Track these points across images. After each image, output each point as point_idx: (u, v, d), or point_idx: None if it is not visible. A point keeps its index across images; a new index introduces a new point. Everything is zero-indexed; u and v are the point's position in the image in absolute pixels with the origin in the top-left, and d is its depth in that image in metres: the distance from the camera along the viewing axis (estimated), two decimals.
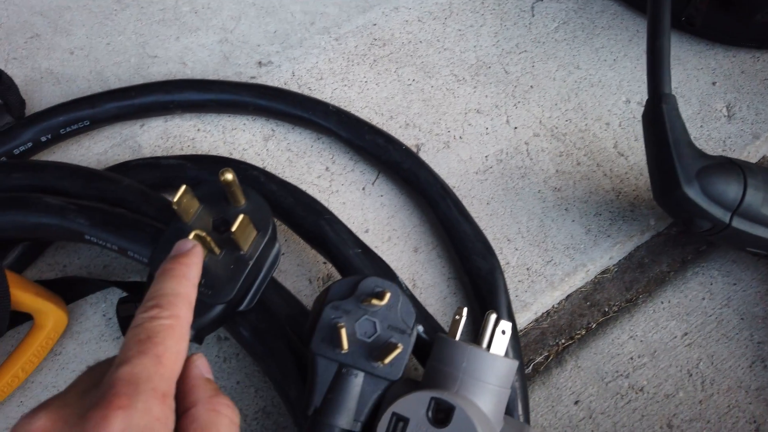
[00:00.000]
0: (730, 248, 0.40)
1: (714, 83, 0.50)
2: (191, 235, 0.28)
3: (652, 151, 0.37)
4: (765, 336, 0.40)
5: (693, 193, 0.35)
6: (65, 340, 0.40)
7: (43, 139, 0.43)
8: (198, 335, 0.31)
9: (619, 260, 0.44)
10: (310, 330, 0.29)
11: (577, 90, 0.49)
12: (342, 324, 0.27)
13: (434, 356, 0.32)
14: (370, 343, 0.29)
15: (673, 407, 0.39)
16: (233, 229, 0.28)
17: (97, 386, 0.21)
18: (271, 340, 0.33)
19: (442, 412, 0.28)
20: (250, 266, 0.31)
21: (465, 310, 0.32)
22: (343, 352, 0.28)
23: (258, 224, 0.31)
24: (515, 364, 0.32)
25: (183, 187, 0.29)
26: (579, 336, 0.41)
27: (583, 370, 0.40)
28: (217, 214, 0.31)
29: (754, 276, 0.42)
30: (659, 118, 0.36)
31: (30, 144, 0.43)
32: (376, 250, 0.42)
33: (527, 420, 0.36)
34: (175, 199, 0.29)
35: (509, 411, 0.35)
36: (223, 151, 0.46)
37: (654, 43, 0.38)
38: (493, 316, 0.32)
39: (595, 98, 0.49)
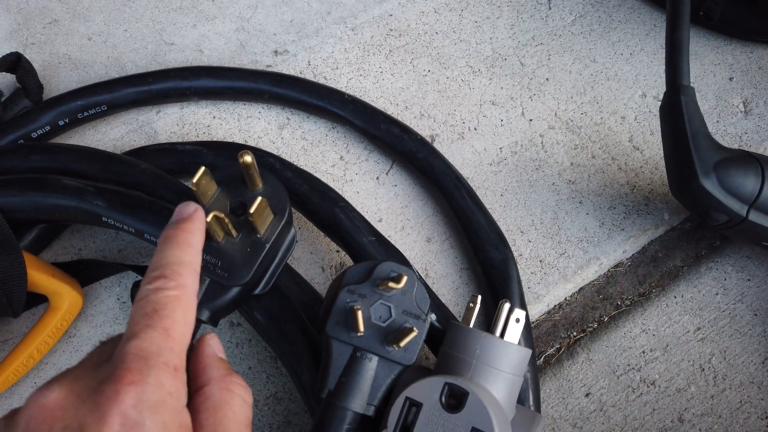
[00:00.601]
0: (745, 242, 0.40)
1: (731, 78, 0.49)
2: (210, 217, 0.28)
3: (669, 142, 0.37)
4: None
5: (710, 185, 0.35)
6: (79, 323, 0.40)
7: (61, 123, 0.43)
8: (213, 317, 0.31)
9: (633, 254, 0.43)
10: (325, 313, 0.30)
11: (593, 83, 0.49)
12: (358, 306, 0.27)
13: (447, 343, 0.32)
14: (385, 327, 0.29)
15: (685, 401, 0.38)
16: (251, 211, 0.29)
17: (108, 361, 0.21)
18: (284, 324, 0.33)
19: (455, 398, 0.28)
20: (266, 249, 0.31)
21: (479, 298, 0.32)
22: (358, 335, 0.29)
23: (275, 208, 0.32)
24: (528, 352, 0.32)
25: (202, 169, 0.29)
26: (591, 329, 0.41)
27: (594, 362, 0.40)
28: (235, 198, 0.32)
29: (767, 272, 0.42)
30: (677, 110, 0.36)
31: (48, 128, 0.43)
32: (389, 240, 0.42)
33: (538, 410, 0.36)
34: (195, 180, 0.29)
35: (521, 401, 0.35)
36: (238, 139, 0.46)
37: (673, 34, 0.38)
38: (507, 305, 0.32)
39: (611, 92, 0.49)
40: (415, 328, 0.28)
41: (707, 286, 0.42)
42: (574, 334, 0.41)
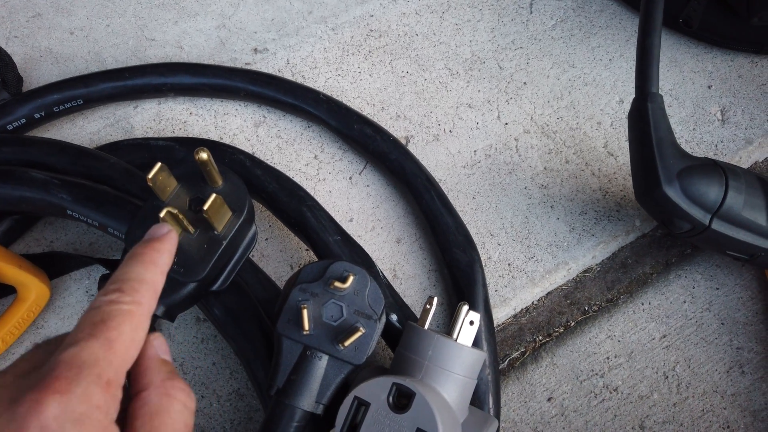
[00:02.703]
0: (710, 251, 0.40)
1: (710, 87, 0.49)
2: (163, 212, 0.29)
3: (635, 149, 0.37)
4: (744, 342, 0.40)
5: (673, 193, 0.35)
6: (48, 314, 0.40)
7: (37, 116, 0.44)
8: (169, 312, 0.31)
9: (602, 260, 0.43)
10: (278, 311, 0.30)
11: (570, 88, 0.49)
12: (305, 305, 0.28)
13: (403, 344, 0.32)
14: (335, 326, 0.29)
15: (647, 409, 0.38)
16: (205, 208, 0.29)
17: (39, 368, 0.19)
18: (243, 321, 0.33)
19: (404, 398, 0.28)
20: (223, 246, 0.31)
21: (435, 299, 0.32)
22: (305, 333, 0.29)
23: (234, 205, 0.32)
24: (482, 355, 0.32)
25: (158, 165, 0.29)
26: (557, 333, 0.41)
27: (558, 367, 0.40)
28: (194, 194, 0.32)
29: (737, 281, 0.42)
30: (644, 117, 0.36)
31: (23, 120, 0.43)
32: (359, 240, 0.42)
33: (497, 413, 0.36)
34: (150, 176, 0.29)
35: (480, 404, 0.35)
36: (214, 136, 0.47)
37: (644, 40, 0.37)
38: (465, 307, 0.32)
39: (588, 97, 0.49)
40: (361, 328, 0.28)
41: (675, 294, 0.42)
42: (540, 338, 0.41)
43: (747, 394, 0.39)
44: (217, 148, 0.42)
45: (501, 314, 0.41)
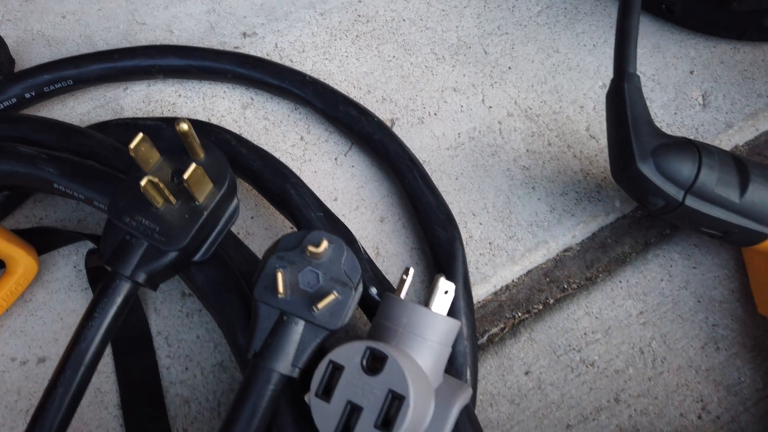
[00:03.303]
0: (685, 228, 0.40)
1: (692, 72, 0.50)
2: (144, 181, 0.29)
3: (611, 127, 0.38)
4: (720, 319, 0.41)
5: (647, 169, 0.36)
6: (36, 288, 0.41)
7: (28, 95, 0.44)
8: (150, 280, 0.32)
9: (582, 239, 0.44)
10: (256, 278, 0.31)
11: (554, 73, 0.50)
12: (281, 270, 0.28)
13: (379, 313, 0.33)
14: (312, 293, 0.30)
15: (622, 382, 0.39)
16: (185, 176, 0.30)
17: None
18: (225, 291, 0.34)
19: (377, 362, 0.29)
20: (204, 216, 0.32)
21: (411, 270, 0.33)
22: (280, 296, 0.29)
23: (215, 177, 0.33)
24: (457, 324, 0.33)
25: (140, 135, 0.30)
26: (536, 311, 0.42)
27: (536, 342, 0.41)
28: (177, 167, 0.32)
29: (714, 261, 0.43)
30: (620, 96, 0.37)
31: (14, 100, 0.44)
32: (343, 219, 0.43)
33: (474, 385, 0.37)
34: (132, 146, 0.30)
35: (457, 376, 0.36)
36: (202, 117, 0.47)
37: (623, 22, 0.38)
38: (441, 278, 0.33)
39: (571, 82, 0.50)
40: (336, 293, 0.28)
41: (653, 272, 0.42)
42: (519, 314, 0.42)
43: (721, 369, 0.39)
44: (203, 127, 0.42)
45: (481, 291, 0.42)
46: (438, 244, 0.40)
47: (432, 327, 0.31)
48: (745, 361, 0.39)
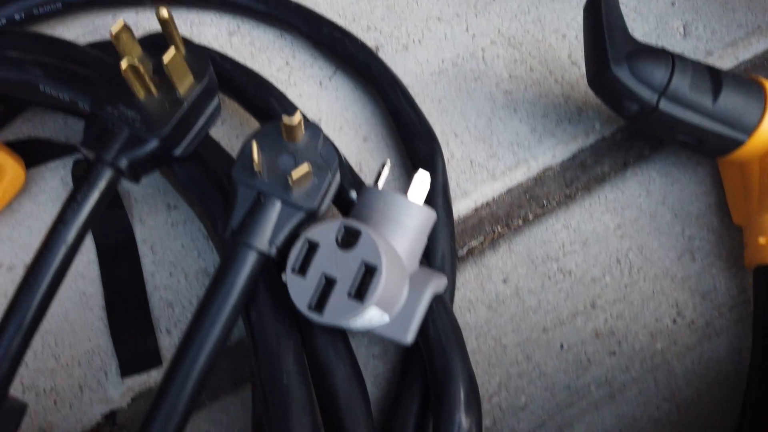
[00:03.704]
0: (661, 136, 0.41)
1: (673, 4, 0.50)
2: (125, 64, 0.30)
3: (587, 36, 0.38)
4: (696, 231, 0.41)
5: (622, 73, 0.36)
6: (23, 199, 0.42)
7: (17, 17, 0.45)
8: (132, 169, 0.33)
9: (562, 160, 0.45)
10: (235, 161, 0.31)
11: (537, 4, 0.50)
12: (255, 142, 0.29)
13: (357, 204, 0.33)
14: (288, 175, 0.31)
15: (599, 289, 0.40)
16: (165, 59, 0.30)
17: None
18: (205, 185, 0.34)
19: (351, 237, 0.30)
20: (184, 107, 0.33)
21: (388, 161, 0.34)
22: (259, 179, 0.30)
23: (195, 71, 0.33)
24: (432, 213, 0.33)
25: (121, 21, 0.31)
26: (516, 226, 0.42)
27: (515, 253, 0.41)
28: (158, 60, 0.33)
29: (692, 178, 0.43)
30: (596, 4, 0.38)
31: (4, 21, 0.45)
32: None
33: (452, 291, 0.38)
34: (113, 31, 0.30)
35: None
36: None
37: None
38: (419, 170, 0.34)
39: (554, 12, 0.50)
40: (308, 164, 0.29)
41: (631, 189, 0.43)
42: (499, 229, 0.42)
43: (697, 277, 0.40)
44: (188, 45, 0.43)
45: (462, 207, 0.43)
46: (418, 157, 0.41)
47: (407, 214, 0.32)
48: (720, 270, 0.40)
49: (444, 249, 0.38)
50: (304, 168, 0.28)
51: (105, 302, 0.39)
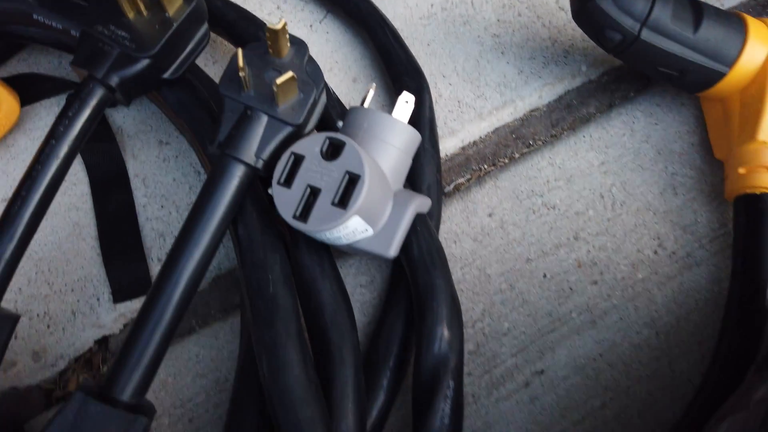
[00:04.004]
0: (643, 69, 0.41)
1: None
2: None
3: None
4: (679, 168, 0.42)
5: (604, 2, 0.37)
6: (18, 135, 0.43)
7: None
8: (123, 88, 0.33)
9: (549, 101, 0.45)
10: (223, 75, 0.32)
11: None
12: (240, 50, 0.30)
13: (343, 125, 0.34)
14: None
15: (582, 222, 0.41)
16: None
17: None
18: (195, 109, 0.35)
19: (336, 149, 0.30)
20: (174, 28, 0.33)
21: (374, 84, 0.35)
22: (245, 92, 0.31)
23: None
24: (415, 133, 0.34)
25: None
26: (502, 164, 0.43)
27: (500, 189, 0.42)
28: None
29: (676, 118, 0.44)
30: None
31: None
32: None
33: (437, 224, 0.38)
34: None
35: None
36: None
37: None
38: (404, 92, 0.34)
39: None
40: (292, 71, 0.30)
41: (616, 128, 0.44)
42: (486, 167, 0.43)
43: (678, 211, 0.41)
44: None
45: (449, 145, 0.43)
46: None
47: (391, 131, 0.33)
48: (701, 204, 0.41)
49: (430, 181, 0.39)
50: (287, 75, 0.29)
51: (98, 232, 0.40)
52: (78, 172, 0.42)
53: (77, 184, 0.42)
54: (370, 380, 0.34)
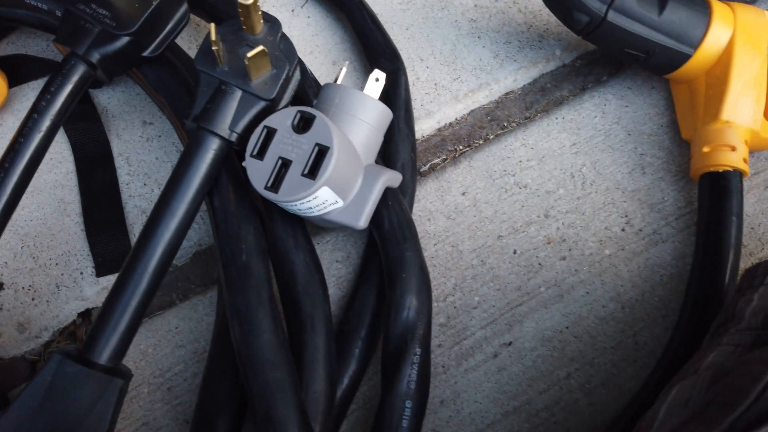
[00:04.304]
0: (611, 52, 0.42)
1: None
2: None
3: None
4: (648, 149, 0.43)
5: None
6: (5, 115, 0.44)
7: None
8: (104, 64, 0.34)
9: (524, 84, 0.47)
10: (198, 51, 0.33)
11: None
12: (213, 25, 0.31)
13: (317, 102, 0.35)
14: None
15: (552, 201, 0.42)
16: None
17: None
18: (174, 85, 0.36)
19: (307, 122, 0.31)
20: (153, 6, 0.34)
21: (347, 62, 0.36)
22: (219, 67, 0.32)
23: None
24: (386, 109, 0.35)
25: None
26: (477, 145, 0.44)
27: (474, 168, 0.43)
28: None
29: (646, 101, 0.45)
30: None
31: None
32: None
33: (411, 205, 0.39)
34: None
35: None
36: None
37: None
38: (375, 69, 0.35)
39: None
40: (263, 47, 0.31)
41: (588, 110, 0.45)
42: (461, 147, 0.44)
43: (646, 190, 0.42)
44: None
45: (425, 126, 0.45)
46: None
47: (362, 106, 0.34)
48: (669, 183, 0.42)
49: (404, 159, 0.40)
50: (258, 49, 0.30)
51: (82, 209, 0.41)
52: (64, 150, 0.43)
53: (63, 162, 0.43)
54: (343, 349, 0.35)
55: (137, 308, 0.31)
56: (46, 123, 0.33)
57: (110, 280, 0.40)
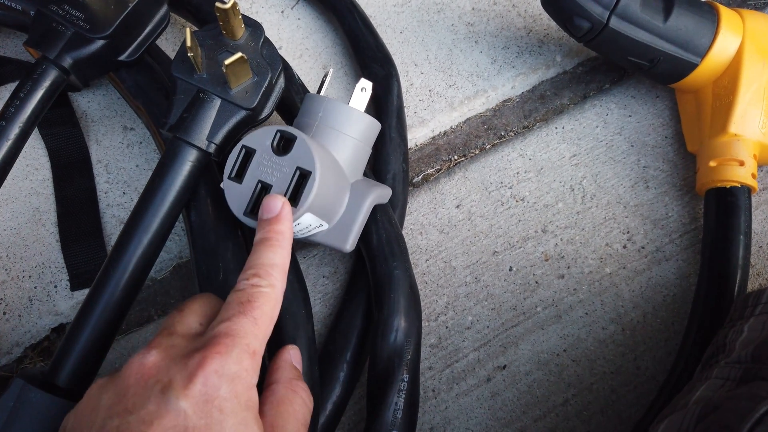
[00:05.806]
0: (613, 59, 0.40)
1: None
2: None
3: None
4: (651, 161, 0.41)
5: None
6: None
7: None
8: (77, 69, 0.33)
9: (522, 92, 0.45)
10: (175, 57, 0.31)
11: None
12: (189, 29, 0.29)
13: (299, 114, 0.33)
14: None
15: (551, 215, 0.40)
16: None
17: (200, 334, 0.25)
18: (151, 91, 0.34)
19: (287, 143, 0.29)
20: (130, 8, 0.32)
21: (330, 70, 0.34)
22: (197, 75, 0.30)
23: None
24: (374, 121, 0.33)
25: None
26: (473, 155, 0.42)
27: (469, 180, 0.41)
28: None
29: (650, 110, 0.43)
30: None
31: None
32: None
33: (402, 218, 0.38)
34: None
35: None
36: None
37: None
38: (362, 79, 0.33)
39: None
40: (242, 54, 0.29)
41: (589, 120, 0.43)
42: (455, 157, 0.42)
43: (649, 205, 0.40)
44: None
45: (419, 135, 0.43)
46: (375, 81, 0.41)
47: (347, 120, 0.32)
48: (673, 198, 0.40)
49: (395, 170, 0.38)
50: (236, 56, 0.28)
51: (58, 218, 0.39)
52: (40, 156, 0.41)
53: (39, 169, 0.41)
54: (327, 373, 0.33)
55: (106, 329, 0.29)
56: (14, 131, 0.31)
57: (85, 294, 0.38)
